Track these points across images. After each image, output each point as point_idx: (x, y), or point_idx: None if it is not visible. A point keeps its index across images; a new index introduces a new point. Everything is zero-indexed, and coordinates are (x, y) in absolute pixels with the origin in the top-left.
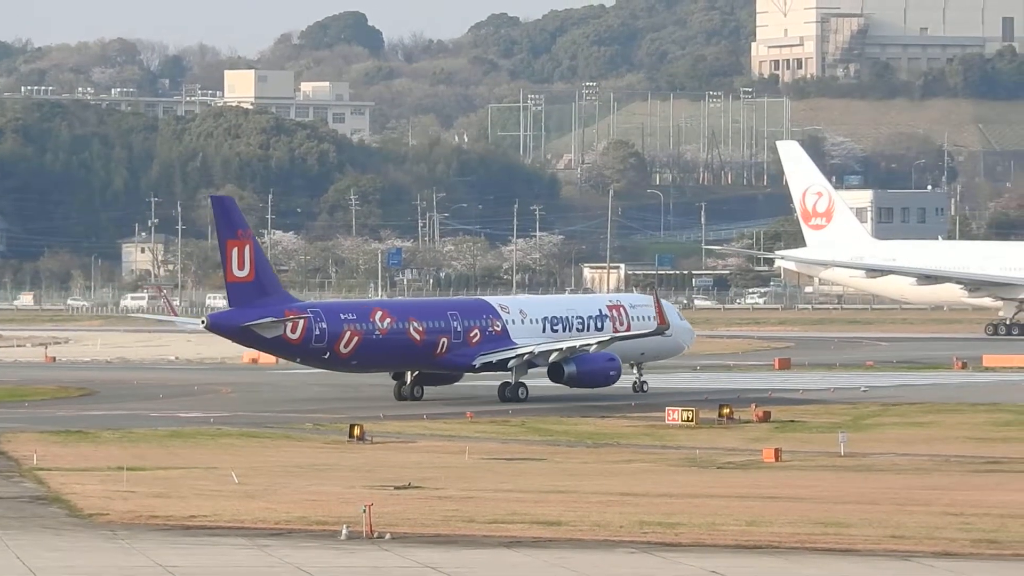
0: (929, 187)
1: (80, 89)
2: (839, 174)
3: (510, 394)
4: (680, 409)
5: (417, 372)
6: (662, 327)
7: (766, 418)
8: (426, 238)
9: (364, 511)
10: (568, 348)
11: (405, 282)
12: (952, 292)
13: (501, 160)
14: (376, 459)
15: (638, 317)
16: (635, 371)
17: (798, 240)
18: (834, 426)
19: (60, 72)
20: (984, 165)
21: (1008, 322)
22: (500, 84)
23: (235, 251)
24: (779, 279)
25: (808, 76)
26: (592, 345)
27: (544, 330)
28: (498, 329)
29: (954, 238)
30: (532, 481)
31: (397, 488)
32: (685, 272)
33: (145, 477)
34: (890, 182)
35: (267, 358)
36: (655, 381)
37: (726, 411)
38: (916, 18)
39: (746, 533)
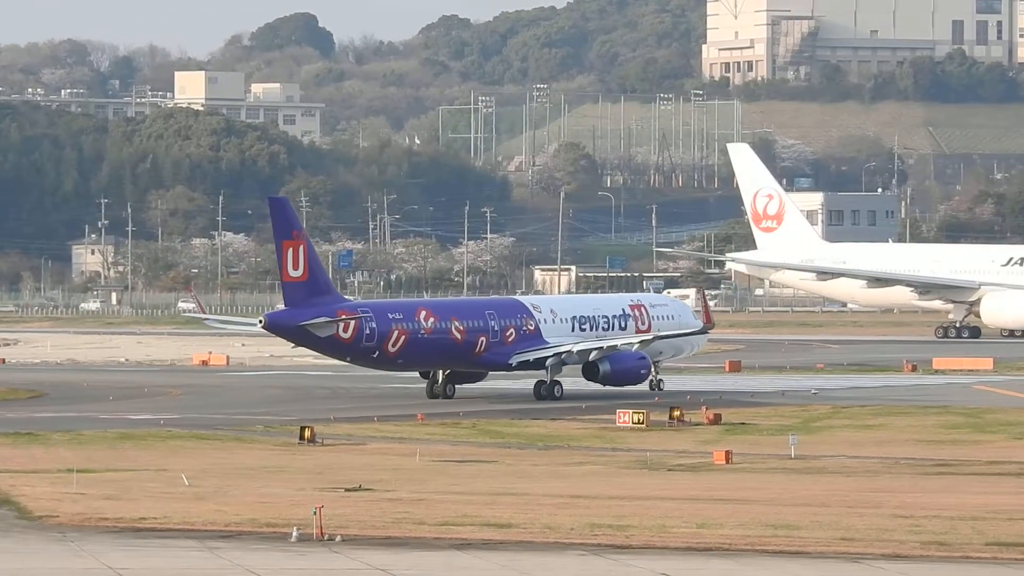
0: (879, 190)
1: (30, 90)
2: (790, 176)
3: (546, 392)
4: (631, 411)
5: (449, 371)
6: (708, 326)
7: (717, 420)
8: (377, 240)
9: (315, 513)
10: (609, 347)
11: (356, 284)
12: (902, 295)
13: (452, 162)
14: (327, 461)
15: (658, 316)
16: (652, 370)
17: (749, 242)
18: (784, 428)
19: (9, 73)
20: (934, 168)
21: (958, 325)
22: (451, 86)
23: (290, 251)
24: (730, 281)
25: (759, 79)
26: (635, 344)
27: (573, 329)
28: (531, 328)
29: (904, 241)
30: (483, 483)
31: (347, 490)
32: (636, 274)
33: (95, 479)
34: (840, 185)
35: (217, 360)
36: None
37: (677, 413)
38: (866, 21)
39: (696, 535)
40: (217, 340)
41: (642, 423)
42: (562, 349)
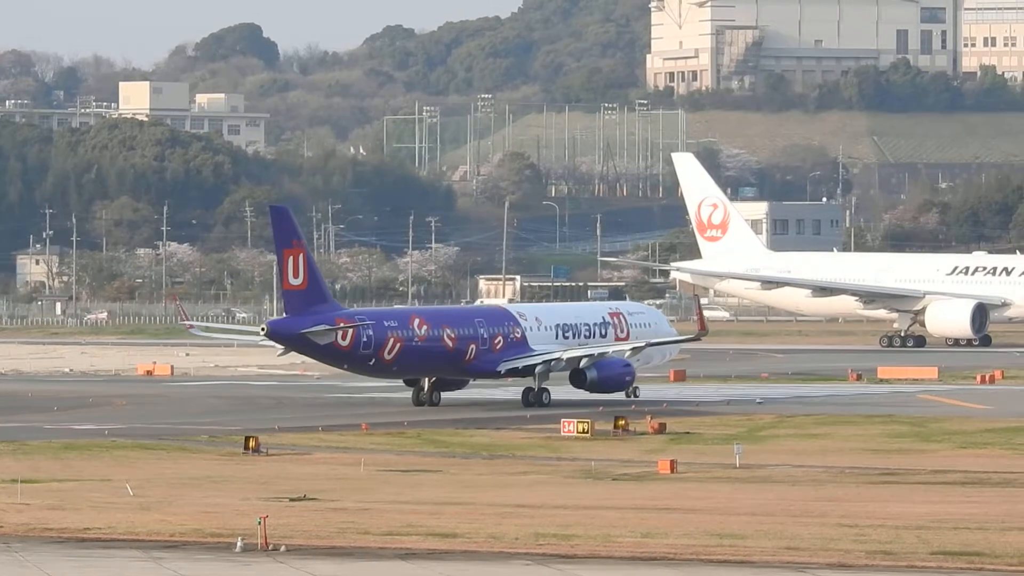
0: (824, 199)
1: None
2: (734, 186)
3: (534, 399)
4: (575, 421)
5: (434, 378)
6: (702, 332)
7: (661, 430)
8: (321, 250)
9: (259, 523)
10: (599, 354)
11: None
12: (847, 304)
13: (396, 172)
14: (271, 471)
15: (636, 324)
16: None
17: (694, 252)
18: (729, 438)
19: None
20: (879, 177)
21: (903, 334)
22: (395, 96)
23: (291, 260)
24: (674, 291)
25: (703, 88)
26: (627, 352)
27: (557, 337)
28: (518, 336)
29: (849, 250)
30: (427, 493)
31: (292, 500)
32: (581, 284)
33: (39, 489)
34: (785, 194)
35: (162, 370)
36: (551, 393)
37: (621, 423)
38: (811, 31)
39: (641, 545)
40: (161, 350)
41: (587, 432)
42: (551, 356)
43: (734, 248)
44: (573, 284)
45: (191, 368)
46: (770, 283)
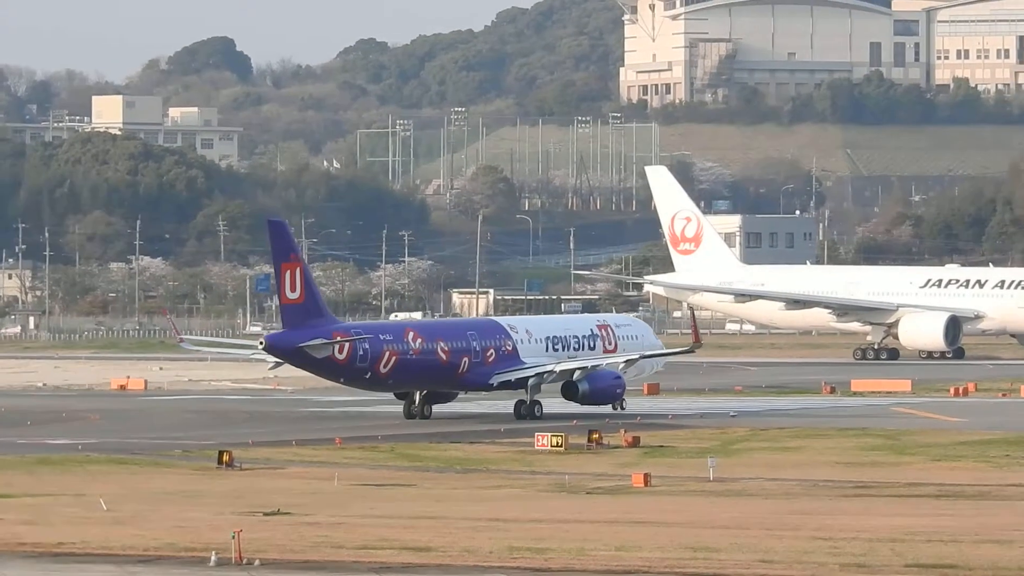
0: (797, 212)
1: None
2: (708, 199)
3: (526, 411)
4: (549, 434)
5: (425, 391)
6: (696, 345)
7: (635, 443)
8: None
9: (233, 537)
10: (593, 366)
11: (273, 308)
12: (820, 317)
13: (370, 185)
14: (245, 485)
15: (623, 336)
16: None
17: (667, 265)
18: (703, 451)
19: None
20: (852, 190)
21: (876, 347)
22: (369, 109)
23: (288, 274)
24: (648, 304)
25: (677, 101)
26: (620, 364)
27: (547, 349)
28: (510, 349)
29: (822, 263)
30: (401, 507)
31: (266, 514)
32: (554, 297)
33: (12, 504)
34: (758, 207)
35: (136, 385)
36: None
37: (595, 436)
38: (784, 44)
39: (616, 558)
40: (135, 365)
41: (560, 446)
42: (544, 369)
43: (707, 261)
44: (546, 298)
45: (165, 382)
46: (743, 296)
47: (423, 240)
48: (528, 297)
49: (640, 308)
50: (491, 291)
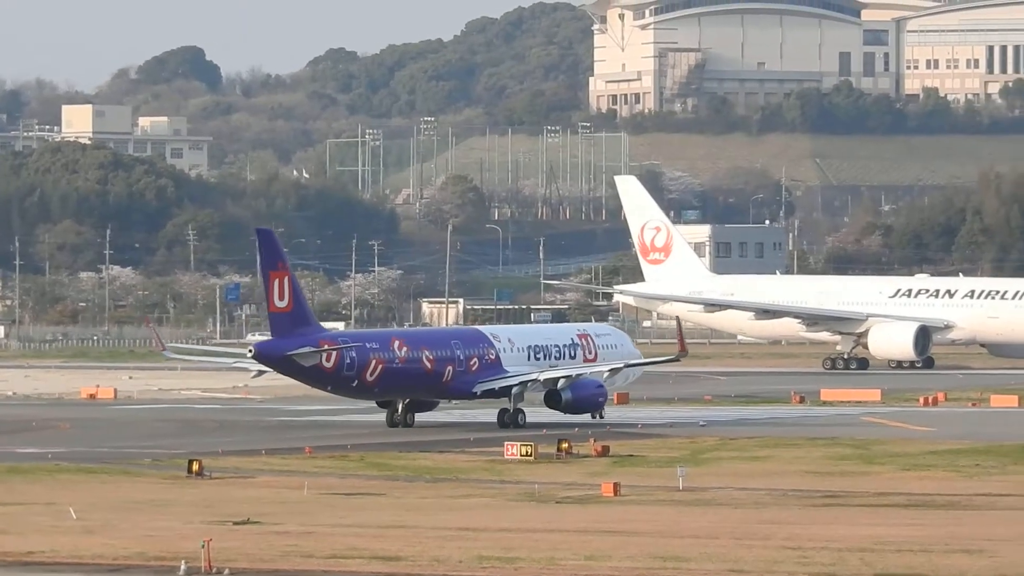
0: (767, 221)
1: None
2: (677, 209)
3: (509, 420)
4: (519, 444)
5: (408, 400)
6: (682, 353)
7: (605, 452)
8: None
9: (203, 546)
10: (577, 375)
11: (243, 317)
12: (790, 326)
13: (340, 195)
14: (215, 494)
15: (603, 346)
16: None
17: (637, 275)
18: (673, 460)
19: None
20: (822, 199)
21: (846, 356)
22: (338, 119)
23: (276, 282)
24: (618, 314)
25: (646, 111)
26: (605, 373)
27: (529, 358)
28: (492, 357)
29: (792, 272)
30: (371, 516)
31: (236, 523)
32: (524, 307)
33: None
34: (728, 216)
35: (105, 394)
36: (482, 416)
37: (565, 445)
38: (753, 53)
39: (585, 567)
40: (104, 374)
41: (530, 455)
42: (528, 377)
43: (677, 271)
44: (516, 307)
45: (134, 391)
46: (713, 306)
47: (392, 249)
48: (498, 307)
49: (610, 318)
50: (461, 300)
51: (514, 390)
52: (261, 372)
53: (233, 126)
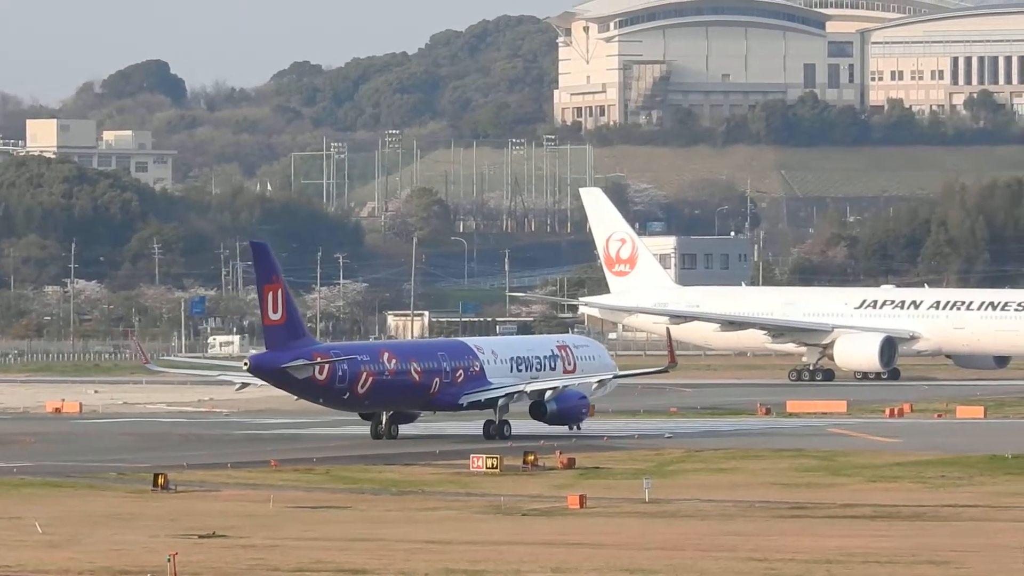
0: (732, 233)
1: None
2: (642, 220)
3: (495, 432)
4: (484, 456)
5: (392, 412)
6: (671, 365)
7: (571, 465)
8: (230, 286)
9: (169, 560)
10: (564, 386)
11: (208, 331)
12: (756, 338)
13: (305, 208)
14: (180, 508)
15: (581, 357)
16: None
17: (602, 286)
18: (639, 472)
19: None
20: (787, 211)
21: (811, 368)
22: (303, 132)
23: (270, 295)
24: (583, 326)
25: (611, 123)
26: (594, 384)
27: (512, 370)
28: (477, 369)
29: (758, 284)
30: (337, 529)
31: (201, 537)
32: (490, 319)
33: None
34: (693, 228)
35: (71, 408)
36: (451, 428)
37: (530, 458)
38: (718, 65)
39: None
40: (70, 387)
41: (496, 467)
42: (515, 389)
43: (642, 283)
44: (482, 320)
45: (100, 405)
46: (678, 317)
47: (358, 262)
48: (463, 319)
49: (575, 330)
50: (426, 313)
51: (500, 402)
52: (245, 385)
53: (198, 140)
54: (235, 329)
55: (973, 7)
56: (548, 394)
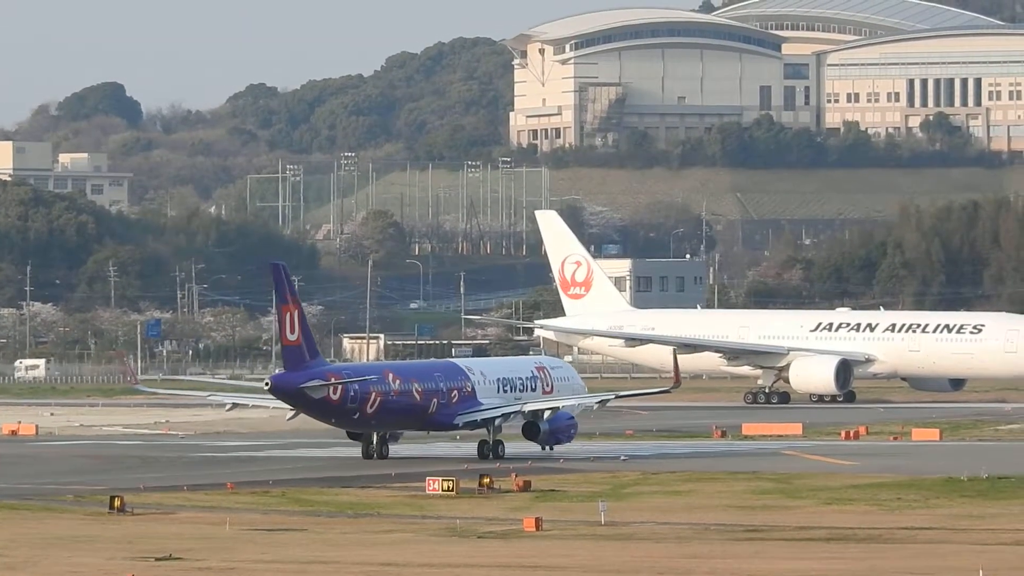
0: (687, 256)
1: None
2: (598, 243)
3: (489, 451)
4: (440, 479)
5: (383, 432)
6: (675, 385)
7: (526, 487)
8: (185, 309)
9: None
10: (564, 406)
11: (164, 353)
12: (711, 361)
13: (260, 231)
14: (137, 530)
15: (557, 378)
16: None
17: (557, 309)
18: (594, 495)
19: None
20: (742, 233)
21: (767, 390)
22: (259, 155)
23: (288, 316)
24: (538, 348)
25: (567, 146)
26: (594, 405)
27: (499, 390)
28: (469, 390)
29: (713, 307)
30: (293, 552)
31: (158, 559)
32: (445, 342)
33: None
34: (648, 251)
35: (27, 430)
36: (411, 449)
37: (486, 480)
38: (674, 88)
39: None
40: (26, 410)
41: (451, 490)
42: (511, 409)
43: (598, 305)
44: (437, 342)
45: (56, 427)
46: (634, 340)
47: (313, 285)
48: (419, 342)
49: (531, 352)
50: (382, 336)
51: (496, 421)
52: (235, 406)
53: (153, 162)
54: (129, 352)
55: (929, 29)
56: (547, 414)
